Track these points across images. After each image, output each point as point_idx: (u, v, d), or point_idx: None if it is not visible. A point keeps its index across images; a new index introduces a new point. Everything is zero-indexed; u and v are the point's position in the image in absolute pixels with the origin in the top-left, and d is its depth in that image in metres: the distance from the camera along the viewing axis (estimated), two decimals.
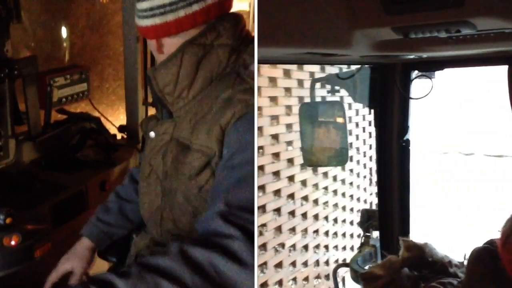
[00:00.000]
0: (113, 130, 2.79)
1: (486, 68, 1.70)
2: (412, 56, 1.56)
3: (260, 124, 3.35)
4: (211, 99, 1.35)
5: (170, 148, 1.41)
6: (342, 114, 2.04)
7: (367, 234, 2.24)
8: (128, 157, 2.61)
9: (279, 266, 3.67)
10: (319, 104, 2.55)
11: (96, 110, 2.77)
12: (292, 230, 3.84)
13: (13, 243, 1.61)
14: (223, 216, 1.18)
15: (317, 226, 4.25)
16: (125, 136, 2.83)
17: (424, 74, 1.78)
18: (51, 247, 1.73)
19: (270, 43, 1.14)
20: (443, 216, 5.72)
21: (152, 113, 2.64)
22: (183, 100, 1.39)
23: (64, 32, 3.32)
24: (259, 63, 1.42)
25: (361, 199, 5.19)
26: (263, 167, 3.42)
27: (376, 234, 2.19)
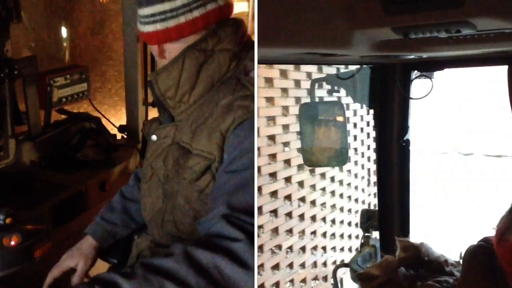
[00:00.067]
0: (113, 130, 2.79)
1: (486, 68, 1.70)
2: (412, 56, 1.56)
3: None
4: (212, 104, 1.36)
5: (171, 152, 1.42)
6: (342, 114, 2.04)
7: (367, 234, 2.24)
8: (128, 157, 2.61)
9: (276, 268, 3.64)
10: (319, 104, 2.55)
11: (96, 110, 2.77)
12: (289, 231, 3.81)
13: (13, 243, 1.61)
14: (226, 218, 1.19)
15: (314, 228, 4.22)
16: (125, 136, 2.83)
17: (424, 74, 1.78)
18: (51, 247, 1.73)
19: (270, 43, 1.15)
20: (443, 216, 5.72)
21: (152, 113, 2.65)
22: (184, 105, 1.40)
23: (64, 32, 3.32)
24: (259, 63, 1.42)
25: (359, 200, 5.17)
26: (260, 169, 3.38)
27: (376, 234, 2.19)
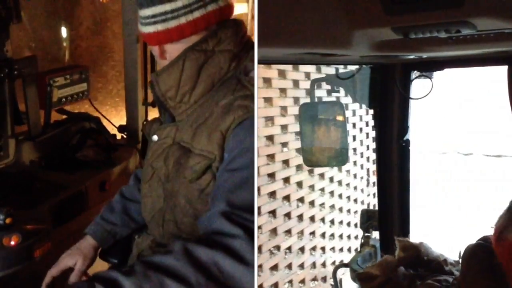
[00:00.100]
0: (113, 130, 2.79)
1: (486, 68, 1.70)
2: (412, 56, 1.56)
3: None
4: (212, 104, 1.36)
5: (172, 152, 1.43)
6: (342, 113, 2.04)
7: (367, 234, 2.24)
8: (128, 157, 2.61)
9: (274, 268, 3.63)
10: (319, 104, 2.55)
11: (96, 110, 2.77)
12: (288, 232, 3.80)
13: (13, 243, 1.62)
14: (226, 215, 1.20)
15: (313, 228, 4.21)
16: (125, 136, 2.83)
17: (424, 74, 1.78)
18: (51, 247, 1.73)
19: (270, 43, 1.15)
20: (443, 216, 5.71)
21: (152, 113, 2.65)
22: (185, 105, 1.41)
23: (64, 32, 3.32)
24: (259, 63, 1.42)
25: (358, 200, 5.16)
26: (258, 169, 3.35)
27: (376, 234, 2.19)
